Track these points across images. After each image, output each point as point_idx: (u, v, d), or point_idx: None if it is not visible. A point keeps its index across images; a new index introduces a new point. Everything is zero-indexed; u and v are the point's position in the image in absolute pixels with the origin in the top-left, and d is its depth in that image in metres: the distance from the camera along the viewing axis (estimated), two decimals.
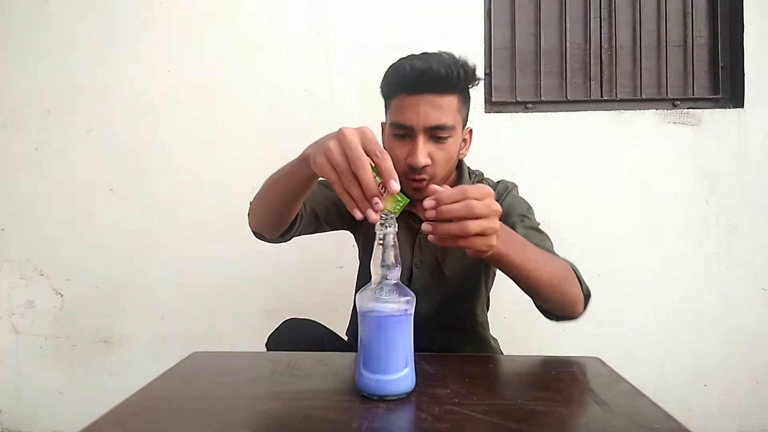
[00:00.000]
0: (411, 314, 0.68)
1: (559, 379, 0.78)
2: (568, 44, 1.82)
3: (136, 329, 1.85)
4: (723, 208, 1.74)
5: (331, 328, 1.19)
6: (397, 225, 0.67)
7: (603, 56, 1.83)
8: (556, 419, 0.61)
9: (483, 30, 1.78)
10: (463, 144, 1.08)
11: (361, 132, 0.65)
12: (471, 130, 1.11)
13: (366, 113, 1.78)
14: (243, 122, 1.82)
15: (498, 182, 1.17)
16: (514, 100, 1.81)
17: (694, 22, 1.80)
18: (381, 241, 0.67)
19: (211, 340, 1.83)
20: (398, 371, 0.66)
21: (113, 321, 1.85)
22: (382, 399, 0.66)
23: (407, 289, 0.68)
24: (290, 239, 1.06)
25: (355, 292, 1.20)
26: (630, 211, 1.75)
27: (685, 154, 1.74)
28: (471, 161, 1.74)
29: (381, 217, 0.66)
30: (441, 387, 0.71)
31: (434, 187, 0.68)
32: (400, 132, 0.99)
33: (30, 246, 1.88)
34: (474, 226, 0.64)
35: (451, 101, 0.98)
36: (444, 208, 0.65)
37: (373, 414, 0.62)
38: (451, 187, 0.96)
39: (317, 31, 1.79)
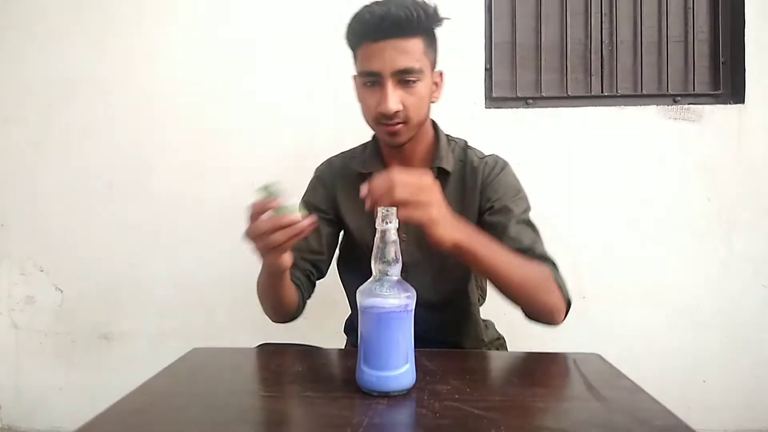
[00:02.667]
0: (411, 310, 0.68)
1: (559, 375, 0.78)
2: (568, 39, 1.81)
3: (135, 325, 1.85)
4: (724, 204, 1.73)
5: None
6: (398, 221, 0.67)
7: (603, 52, 1.82)
8: (556, 415, 0.61)
9: (483, 25, 1.77)
10: (434, 87, 1.07)
11: (251, 232, 0.79)
12: (441, 73, 1.10)
13: None
14: (243, 118, 1.81)
15: (488, 155, 1.15)
16: (514, 96, 1.81)
17: (694, 17, 1.80)
18: (381, 237, 0.66)
19: (210, 336, 1.83)
20: (399, 367, 0.66)
21: (113, 317, 1.85)
22: (382, 395, 0.66)
23: (408, 284, 0.68)
24: (305, 307, 1.11)
25: (345, 289, 1.21)
26: (630, 207, 1.75)
27: (686, 150, 1.74)
28: None
29: (382, 213, 0.66)
30: (441, 383, 0.71)
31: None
32: (369, 80, 0.99)
33: (30, 242, 1.87)
34: (400, 191, 0.71)
35: (415, 44, 0.98)
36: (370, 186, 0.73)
37: (374, 410, 0.62)
38: (428, 147, 1.10)
39: (319, 26, 1.78)
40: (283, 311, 1.03)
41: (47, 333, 1.88)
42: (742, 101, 1.73)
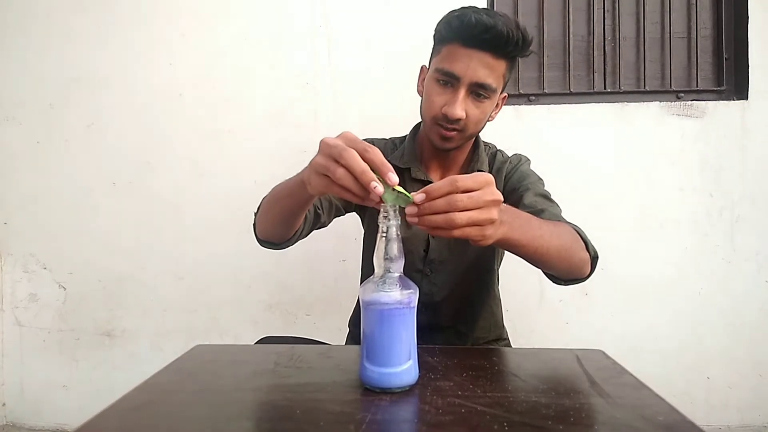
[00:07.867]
0: (414, 307, 0.68)
1: (562, 371, 0.78)
2: (571, 36, 1.81)
3: (138, 322, 1.85)
4: (727, 200, 1.73)
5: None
6: (399, 217, 0.67)
7: (606, 48, 1.82)
8: (559, 411, 0.60)
9: None
10: (495, 107, 1.09)
11: (342, 136, 0.66)
12: (506, 96, 1.12)
13: (367, 106, 1.78)
14: (245, 116, 1.81)
15: (512, 155, 1.18)
16: (517, 93, 1.80)
17: (697, 13, 1.79)
18: (384, 234, 0.66)
19: (213, 334, 1.84)
20: (401, 364, 0.66)
21: (116, 314, 1.86)
22: (385, 391, 0.66)
23: (410, 281, 0.68)
24: (296, 243, 1.05)
25: (362, 274, 1.21)
26: (633, 204, 1.75)
27: (689, 147, 1.73)
28: None
29: (384, 210, 0.66)
30: (444, 379, 0.71)
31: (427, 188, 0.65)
32: (444, 79, 1.00)
33: (33, 239, 1.88)
34: (461, 218, 0.62)
35: (500, 65, 0.99)
36: (426, 205, 0.63)
37: (377, 406, 0.62)
38: (468, 152, 1.11)
39: (319, 24, 1.78)
40: (285, 227, 0.97)
41: (51, 330, 1.88)
42: (746, 97, 1.73)
